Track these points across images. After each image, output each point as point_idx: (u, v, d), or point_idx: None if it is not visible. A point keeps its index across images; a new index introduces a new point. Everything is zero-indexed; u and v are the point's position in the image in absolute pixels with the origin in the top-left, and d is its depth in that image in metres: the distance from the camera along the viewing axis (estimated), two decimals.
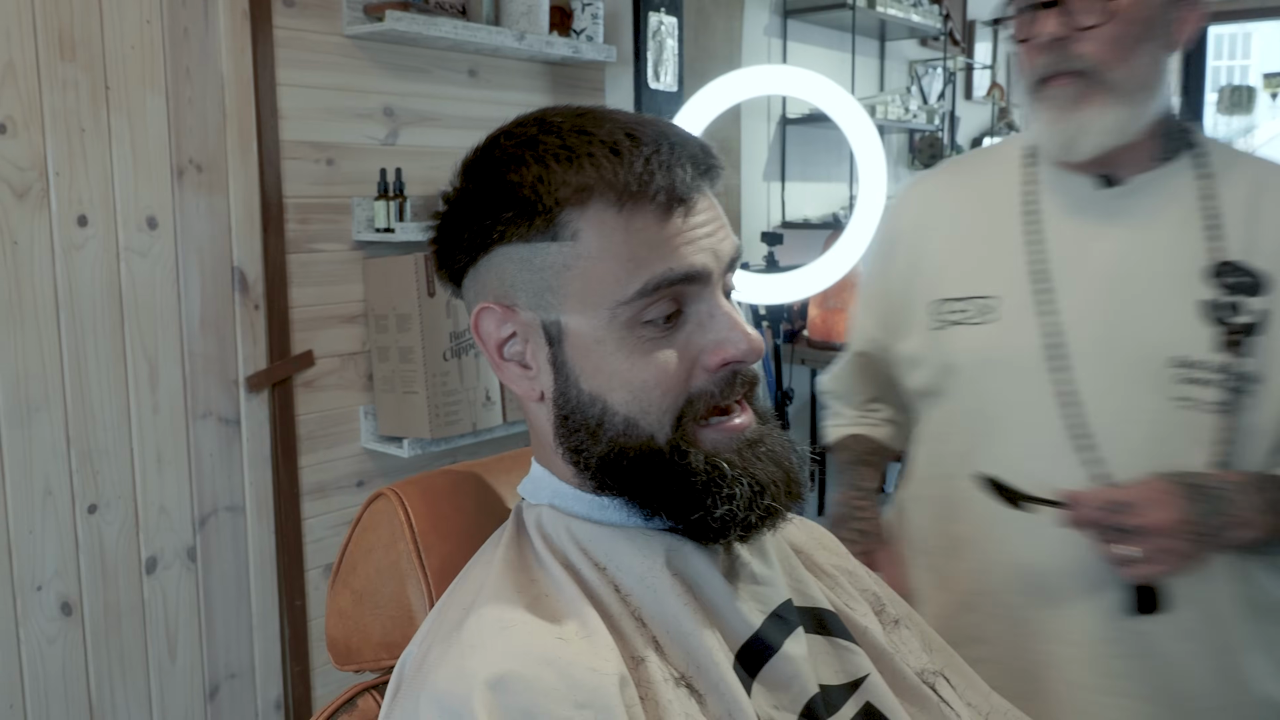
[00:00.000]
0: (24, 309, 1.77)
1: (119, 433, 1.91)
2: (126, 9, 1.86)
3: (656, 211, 0.73)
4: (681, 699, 0.71)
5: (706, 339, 0.75)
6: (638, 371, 0.74)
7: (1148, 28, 1.13)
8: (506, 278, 0.76)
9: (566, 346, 0.75)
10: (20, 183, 1.76)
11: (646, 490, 0.75)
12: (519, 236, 0.75)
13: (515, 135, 0.77)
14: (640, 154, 0.73)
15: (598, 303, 0.74)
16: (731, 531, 0.76)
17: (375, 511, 0.85)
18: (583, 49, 2.47)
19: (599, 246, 0.73)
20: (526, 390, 0.79)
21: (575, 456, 0.77)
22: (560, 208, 0.73)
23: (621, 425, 0.75)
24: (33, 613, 1.82)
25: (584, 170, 0.73)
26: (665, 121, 0.78)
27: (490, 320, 0.78)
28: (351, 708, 0.80)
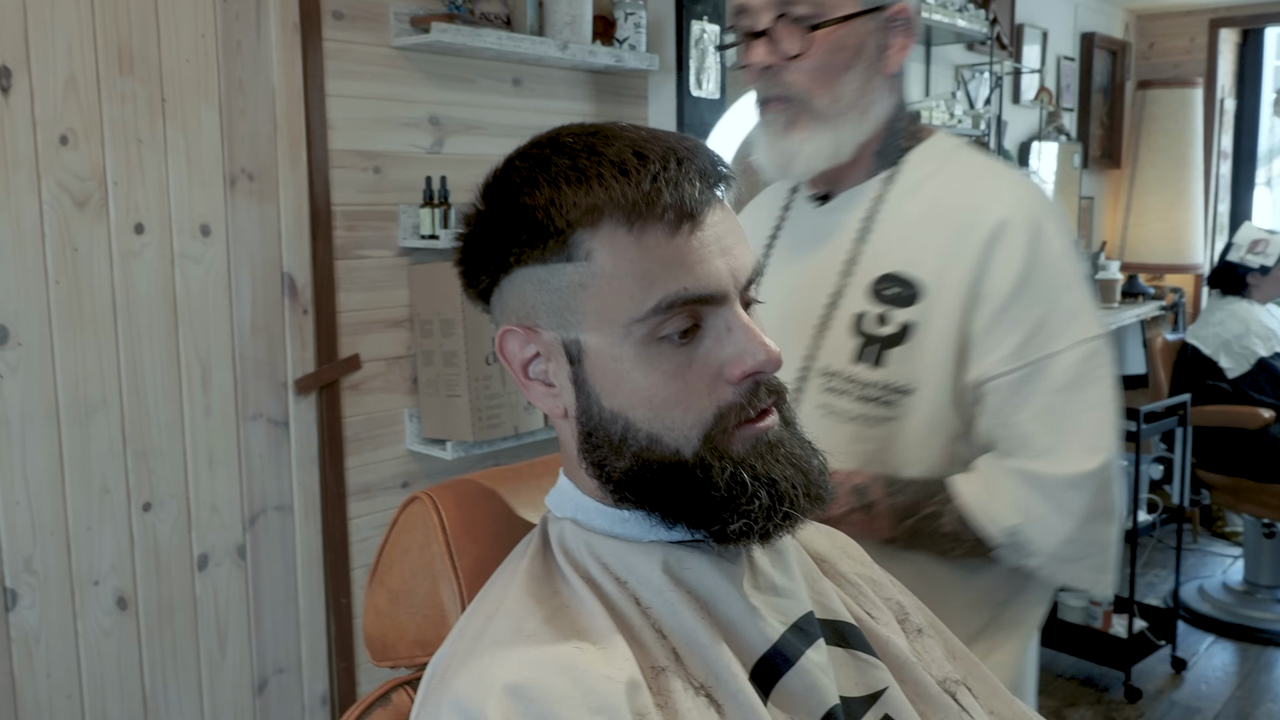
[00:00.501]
0: (83, 314, 1.84)
1: (173, 433, 1.97)
2: (182, 24, 1.92)
3: (666, 228, 0.74)
4: (701, 708, 0.73)
5: (725, 352, 0.76)
6: (657, 389, 0.75)
7: (853, 56, 1.18)
8: (527, 299, 0.78)
9: (586, 365, 0.77)
10: (81, 192, 1.82)
11: (668, 501, 0.77)
12: (535, 259, 0.76)
13: (529, 157, 0.78)
14: (648, 172, 0.74)
15: (614, 320, 0.75)
16: (750, 540, 0.77)
17: (411, 514, 0.88)
18: (625, 58, 2.50)
19: (612, 266, 0.74)
20: (551, 408, 0.81)
21: (598, 471, 0.79)
22: (572, 229, 0.74)
23: (645, 441, 0.76)
24: (90, 606, 1.89)
25: (593, 191, 0.74)
26: (676, 136, 0.79)
27: (514, 342, 0.80)
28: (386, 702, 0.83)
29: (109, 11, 1.83)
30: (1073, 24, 4.86)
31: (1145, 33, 5.45)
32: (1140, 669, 3.55)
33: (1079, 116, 4.99)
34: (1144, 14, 5.41)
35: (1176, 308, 5.06)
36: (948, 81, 4.02)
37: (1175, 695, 3.47)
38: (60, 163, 1.79)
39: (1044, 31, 4.56)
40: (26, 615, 1.81)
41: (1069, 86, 4.88)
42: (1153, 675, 3.59)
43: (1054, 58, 4.71)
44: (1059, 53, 4.75)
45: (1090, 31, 4.95)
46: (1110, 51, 5.19)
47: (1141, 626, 3.58)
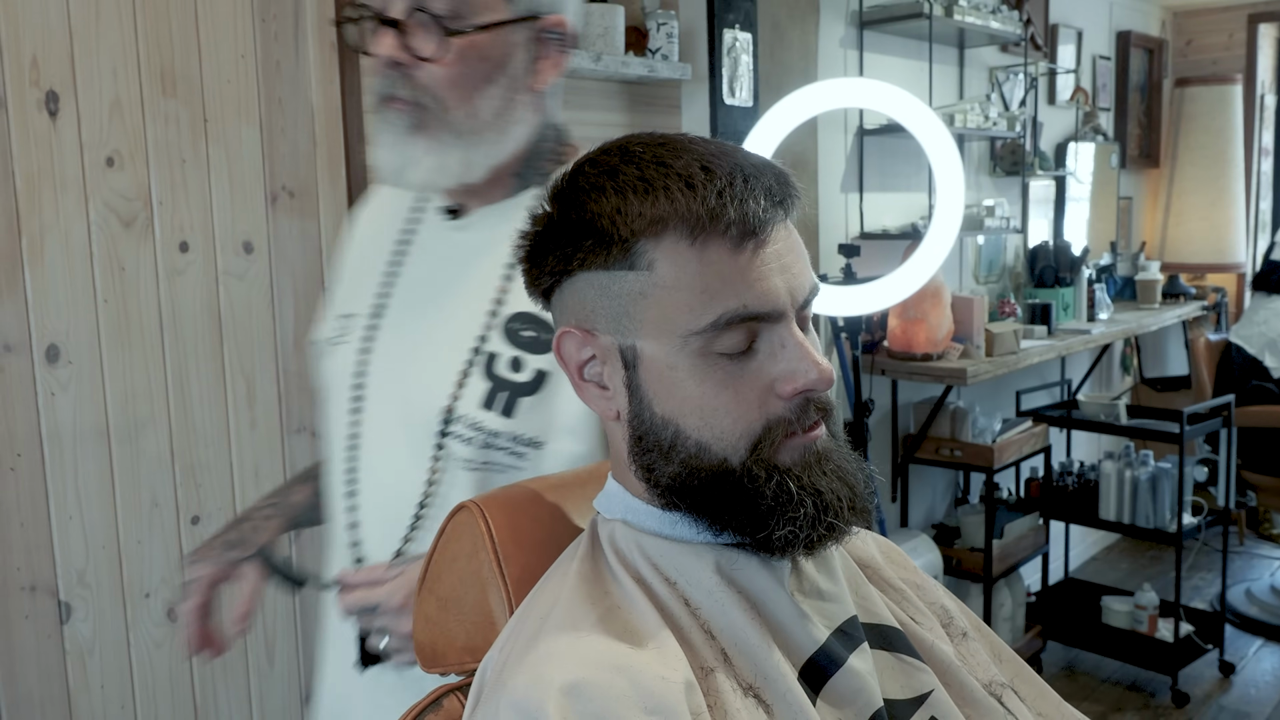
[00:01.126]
0: (131, 331, 1.88)
1: (219, 447, 2.00)
2: (222, 46, 1.95)
3: (729, 244, 0.75)
4: (750, 708, 0.74)
5: (778, 368, 0.77)
6: (709, 399, 0.77)
7: (496, 68, 1.06)
8: (587, 303, 0.79)
9: (641, 370, 0.78)
10: (127, 212, 1.86)
11: (715, 508, 0.78)
12: (598, 264, 0.78)
13: (599, 164, 0.79)
14: (714, 187, 0.75)
15: (671, 330, 0.76)
16: (795, 549, 0.78)
17: (458, 523, 0.90)
18: (658, 68, 2.52)
19: (673, 277, 0.76)
20: (604, 410, 0.82)
21: (647, 474, 0.80)
22: (636, 239, 0.76)
23: (694, 449, 0.78)
24: (141, 619, 1.92)
25: (659, 203, 0.75)
26: (744, 152, 0.80)
27: (571, 343, 0.82)
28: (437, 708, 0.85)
29: (152, 35, 1.87)
30: (1108, 23, 4.83)
31: (1182, 30, 5.40)
32: (1187, 673, 3.52)
33: (1116, 116, 4.96)
34: (1181, 11, 5.36)
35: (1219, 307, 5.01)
36: (982, 84, 4.00)
37: (1224, 700, 3.43)
38: (107, 184, 1.83)
39: (1079, 31, 4.54)
40: (80, 628, 1.84)
41: (1105, 86, 4.84)
42: (1200, 680, 3.55)
43: (1089, 57, 4.68)
44: (1094, 52, 4.72)
45: (1126, 30, 4.91)
46: (1147, 49, 5.15)
47: (1188, 630, 3.55)
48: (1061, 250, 4.13)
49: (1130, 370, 5.05)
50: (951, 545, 3.50)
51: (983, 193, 3.98)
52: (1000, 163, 4.05)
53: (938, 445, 3.40)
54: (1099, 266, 4.60)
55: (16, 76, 1.73)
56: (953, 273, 3.84)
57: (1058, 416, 3.70)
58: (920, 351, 3.19)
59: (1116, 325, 4.06)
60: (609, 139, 0.83)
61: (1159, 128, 5.25)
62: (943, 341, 3.21)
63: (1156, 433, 3.46)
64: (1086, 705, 3.37)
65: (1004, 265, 4.16)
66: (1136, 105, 5.10)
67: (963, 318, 3.29)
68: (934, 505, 3.86)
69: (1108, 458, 3.61)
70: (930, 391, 3.61)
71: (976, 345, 3.29)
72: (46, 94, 1.76)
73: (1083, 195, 4.63)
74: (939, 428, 3.43)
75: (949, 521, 3.72)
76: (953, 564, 3.40)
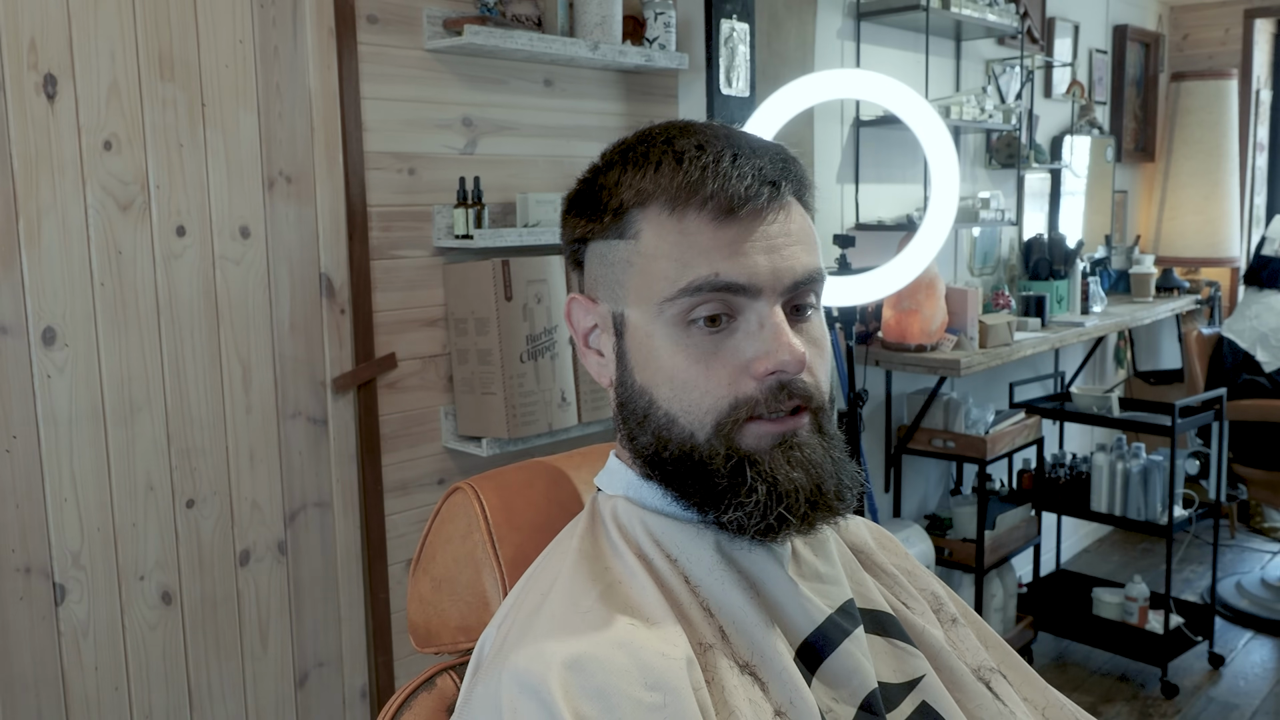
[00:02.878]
0: (127, 314, 1.88)
1: (215, 431, 2.01)
2: (220, 30, 1.96)
3: (708, 217, 0.77)
4: (746, 685, 0.75)
5: (753, 347, 0.78)
6: (680, 370, 0.78)
7: None
8: (594, 271, 0.83)
9: (627, 338, 0.81)
10: (124, 196, 1.86)
11: (680, 482, 0.80)
12: (601, 234, 0.82)
13: (624, 141, 0.84)
14: (699, 162, 0.77)
15: (650, 298, 0.79)
16: (744, 532, 0.79)
17: (453, 504, 0.91)
18: (655, 57, 2.52)
19: (654, 245, 0.78)
20: (600, 376, 0.85)
21: (630, 443, 0.83)
22: (627, 209, 0.80)
23: (663, 419, 0.80)
24: (136, 601, 1.93)
25: (648, 175, 0.79)
26: (755, 137, 0.82)
27: (578, 310, 0.85)
28: (430, 686, 0.86)
29: (150, 20, 1.87)
30: (1105, 16, 4.83)
31: (1179, 24, 5.41)
32: (1177, 665, 3.54)
33: (1112, 110, 4.96)
34: (1177, 5, 5.36)
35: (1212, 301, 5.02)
36: (978, 76, 4.01)
37: (1213, 691, 3.45)
38: (104, 167, 1.83)
39: (1075, 25, 4.54)
40: (75, 609, 1.85)
41: (1101, 80, 4.84)
42: (1190, 671, 3.57)
43: (1086, 51, 4.69)
44: (1091, 46, 4.72)
45: (1123, 24, 4.92)
46: (1143, 44, 5.15)
47: (1178, 622, 3.57)
48: (1056, 243, 4.14)
49: (1123, 363, 5.06)
50: (944, 536, 3.51)
51: (978, 185, 3.99)
52: (996, 155, 4.06)
53: (931, 436, 3.41)
54: (1093, 260, 4.61)
55: (15, 60, 1.73)
56: (947, 264, 3.85)
57: (1051, 409, 3.72)
58: (914, 343, 3.20)
59: (1110, 318, 4.07)
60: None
61: (1155, 122, 5.26)
62: (937, 333, 3.22)
63: (1149, 425, 3.47)
64: (1077, 696, 3.38)
65: (999, 257, 4.17)
66: (1132, 99, 5.11)
67: (957, 309, 3.30)
68: (927, 496, 3.88)
69: (1100, 450, 3.63)
70: (924, 383, 3.62)
71: (970, 337, 3.30)
72: (45, 77, 1.76)
73: (1078, 188, 4.64)
74: (932, 419, 3.44)
75: (941, 512, 3.74)
76: (945, 554, 3.41)
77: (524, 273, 2.20)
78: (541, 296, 2.24)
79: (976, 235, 4.01)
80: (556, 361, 2.27)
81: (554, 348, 2.26)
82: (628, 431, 0.83)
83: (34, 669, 1.82)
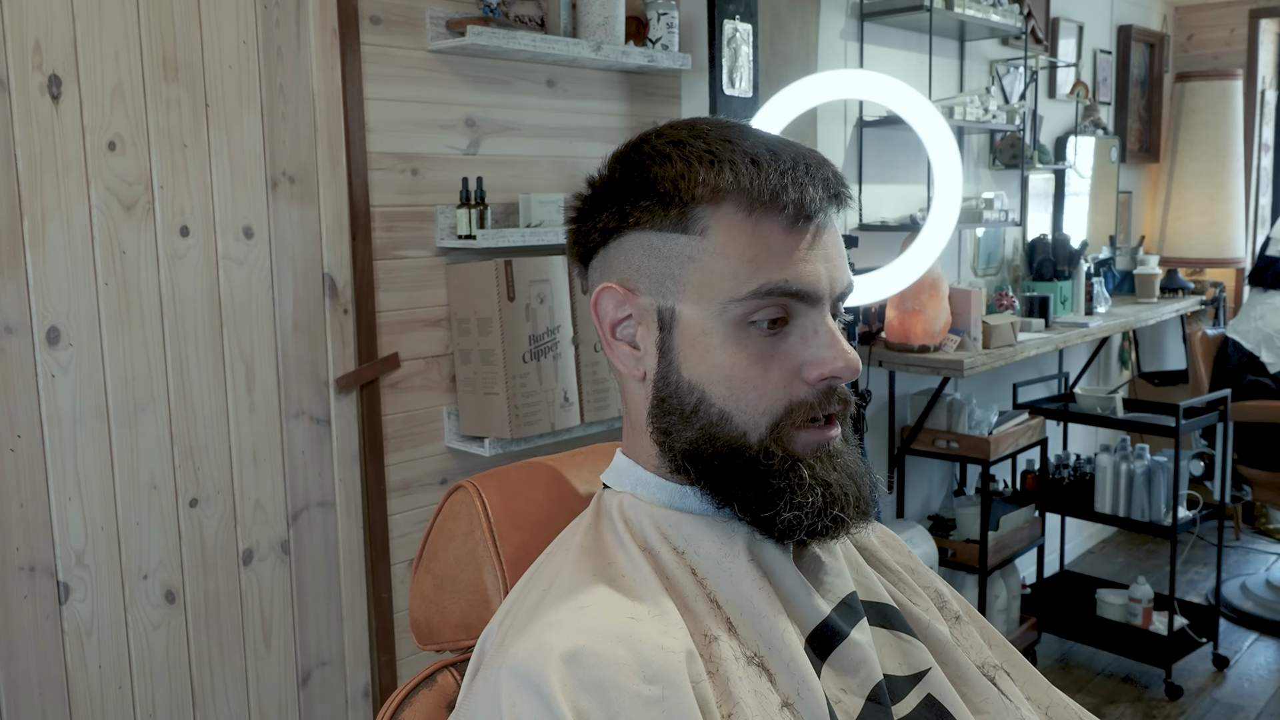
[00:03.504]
0: (131, 314, 1.88)
1: (218, 431, 2.01)
2: (224, 31, 1.96)
3: (784, 223, 0.79)
4: (752, 676, 0.75)
5: (808, 353, 0.80)
6: (738, 369, 0.79)
7: None
8: (634, 262, 0.82)
9: (676, 333, 0.81)
10: (128, 196, 1.87)
11: (725, 480, 0.80)
12: (652, 225, 0.81)
13: (665, 135, 0.83)
14: (778, 168, 0.79)
15: (712, 296, 0.79)
16: (795, 534, 0.80)
17: (455, 502, 0.91)
18: (658, 57, 2.52)
19: (724, 244, 0.79)
20: (631, 369, 0.85)
21: (663, 438, 0.83)
22: (695, 203, 0.79)
23: (716, 417, 0.80)
24: (139, 600, 1.93)
25: (724, 173, 0.79)
26: (805, 147, 0.83)
27: (610, 300, 0.84)
28: (431, 683, 0.86)
29: (154, 21, 1.87)
30: (1109, 17, 4.83)
31: (1184, 24, 5.40)
32: (1181, 666, 3.53)
33: (1116, 110, 4.96)
34: (1182, 5, 5.36)
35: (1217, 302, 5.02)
36: (982, 76, 4.01)
37: (1217, 693, 3.45)
38: (108, 168, 1.84)
39: (1080, 25, 4.54)
40: (79, 608, 1.86)
41: (1106, 80, 4.84)
42: (1194, 673, 3.57)
43: (1090, 51, 4.68)
44: (1095, 46, 4.72)
45: (1127, 24, 4.91)
46: (1148, 44, 5.14)
47: (1182, 624, 3.56)
48: (1060, 244, 4.14)
49: (1128, 364, 5.06)
50: (947, 536, 3.51)
51: (982, 185, 3.99)
52: (1000, 156, 4.06)
53: (934, 437, 3.41)
54: (1097, 260, 4.61)
55: (19, 60, 1.73)
56: (951, 265, 3.85)
57: (1054, 409, 3.71)
58: (917, 343, 3.20)
59: (1114, 319, 4.07)
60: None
61: (1159, 122, 5.25)
62: (940, 333, 3.22)
63: (1153, 426, 3.47)
64: (1080, 697, 3.38)
65: (1002, 258, 4.16)
66: (1137, 99, 5.10)
67: (960, 310, 3.30)
68: (930, 497, 3.88)
69: (1104, 451, 3.62)
70: (927, 383, 3.62)
71: (974, 337, 3.30)
72: (49, 78, 1.76)
73: (1082, 189, 4.63)
74: (936, 419, 3.44)
75: (945, 513, 3.73)
76: (948, 555, 3.41)
77: (527, 273, 2.20)
78: (544, 296, 2.24)
79: (980, 236, 4.01)
80: (559, 362, 2.27)
81: (556, 348, 2.26)
82: (663, 427, 0.83)
83: (38, 668, 1.82)
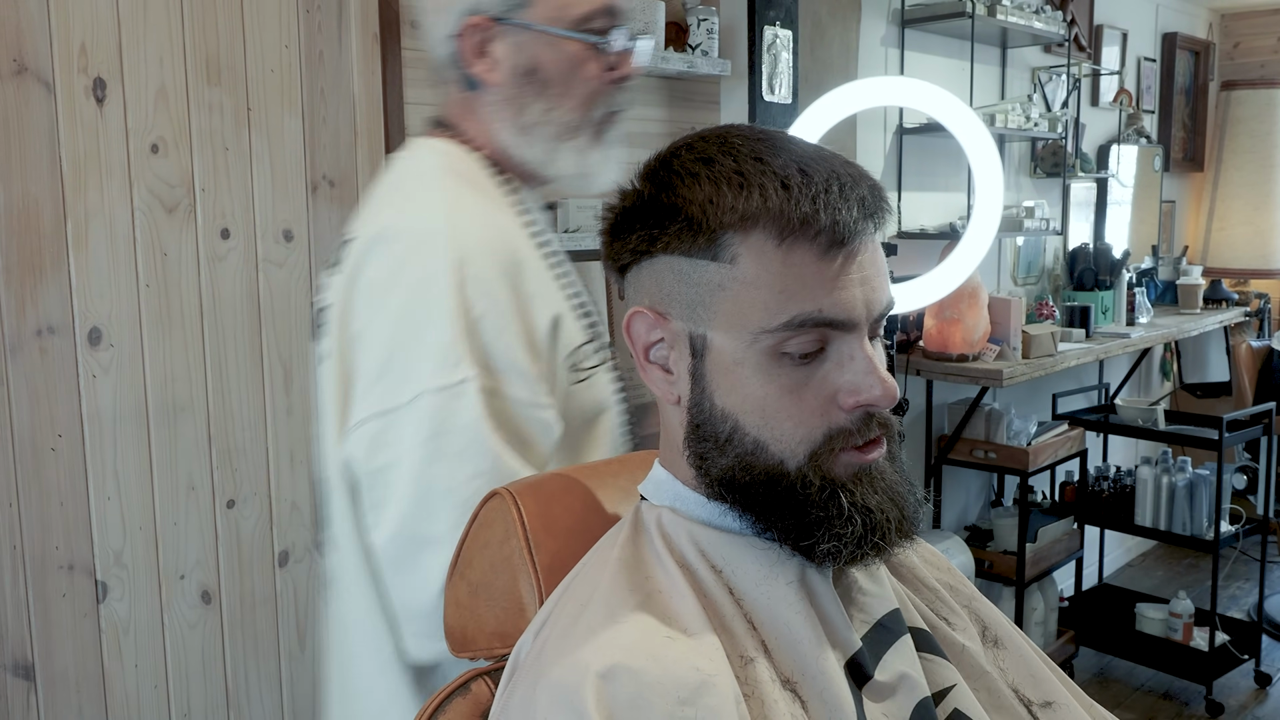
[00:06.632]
0: (171, 316, 1.90)
1: (255, 432, 2.02)
2: (267, 35, 1.97)
3: (816, 250, 0.75)
4: (787, 700, 0.74)
5: (843, 379, 0.77)
6: (771, 400, 0.77)
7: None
8: (664, 286, 0.80)
9: (708, 361, 0.79)
10: (170, 199, 1.88)
11: (763, 507, 0.78)
12: (681, 250, 0.78)
13: (695, 150, 0.80)
14: (808, 191, 0.74)
15: (744, 326, 0.76)
16: (837, 561, 0.78)
17: (490, 510, 0.90)
18: (698, 63, 2.52)
19: (755, 273, 0.76)
20: (665, 393, 0.82)
21: (700, 462, 0.80)
22: (724, 231, 0.76)
23: (751, 446, 0.78)
24: (176, 600, 1.95)
25: (752, 199, 0.75)
26: (841, 159, 0.79)
27: (642, 324, 0.82)
28: (465, 691, 0.85)
29: (198, 25, 1.89)
30: (1154, 24, 4.77)
31: (1229, 32, 5.33)
32: (1222, 683, 3.47)
33: (1160, 119, 4.90)
34: (1228, 13, 5.28)
35: (1262, 314, 4.94)
36: (1024, 84, 3.97)
37: (1259, 711, 3.39)
38: (151, 170, 1.85)
39: (1124, 32, 4.49)
40: (116, 607, 1.87)
41: (1150, 88, 4.78)
42: (1235, 690, 3.51)
43: (1134, 59, 4.63)
44: (1139, 54, 4.66)
45: (1172, 32, 4.85)
46: (1193, 52, 5.08)
47: (1224, 640, 3.50)
48: (1102, 253, 4.09)
49: (1170, 375, 4.99)
50: (984, 548, 3.47)
51: (1023, 194, 3.95)
52: (1041, 164, 4.01)
53: (972, 447, 3.38)
54: (1139, 270, 4.55)
55: (65, 63, 1.75)
56: (990, 273, 3.81)
57: (1094, 420, 3.67)
58: (956, 352, 3.17)
59: (1156, 330, 4.02)
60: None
61: (1204, 131, 5.18)
62: (979, 342, 3.19)
63: (1195, 439, 3.42)
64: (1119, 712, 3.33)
65: (1043, 267, 4.12)
66: (1181, 108, 5.04)
67: (1000, 319, 3.27)
68: (967, 507, 3.84)
69: (1145, 463, 3.57)
70: (965, 392, 3.59)
71: (1013, 347, 3.26)
72: (94, 81, 1.78)
73: (1125, 198, 4.58)
74: (974, 429, 3.40)
75: (982, 524, 3.70)
76: (985, 567, 3.37)
77: None
78: None
79: (1020, 244, 3.97)
80: None
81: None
82: (699, 452, 0.80)
83: (75, 665, 1.84)
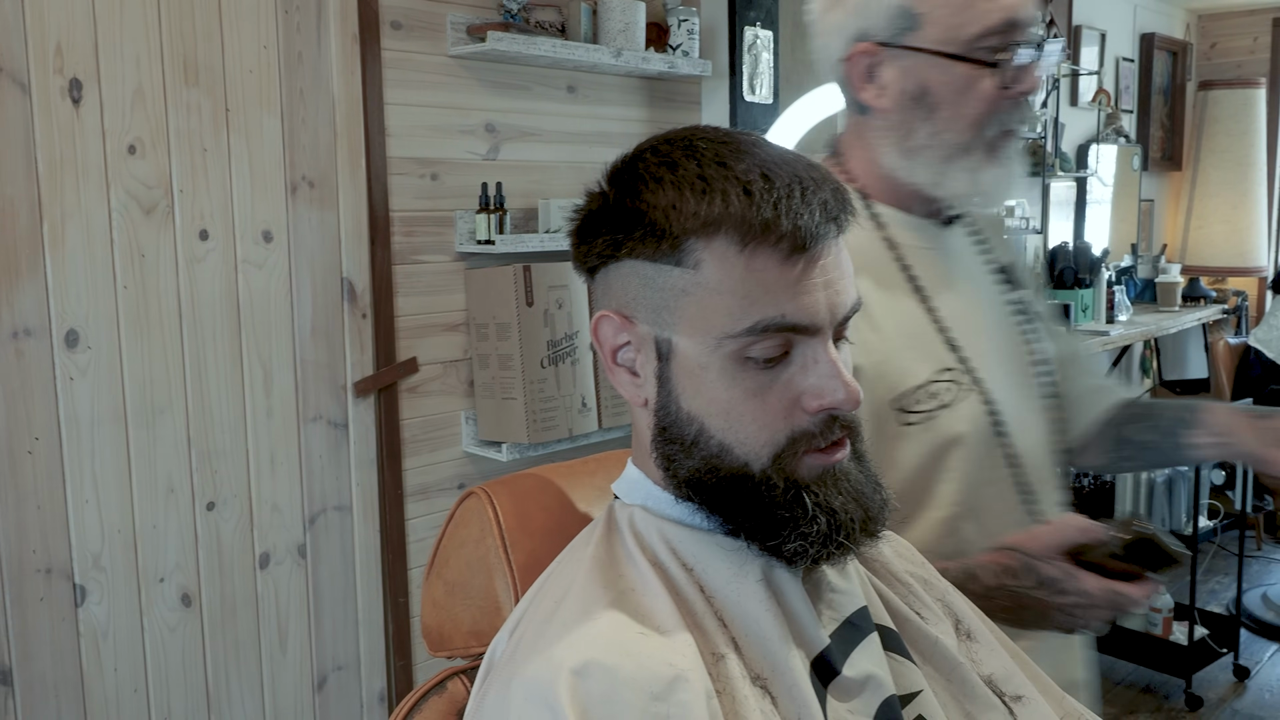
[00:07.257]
0: (150, 318, 1.89)
1: (235, 434, 2.02)
2: (245, 36, 1.97)
3: (778, 255, 0.75)
4: (757, 696, 0.74)
5: (807, 383, 0.77)
6: (735, 404, 0.77)
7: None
8: (630, 290, 0.80)
9: (673, 365, 0.79)
10: (148, 200, 1.88)
11: (730, 509, 0.79)
12: (646, 255, 0.78)
13: (660, 154, 0.79)
14: (770, 197, 0.74)
15: (707, 331, 0.76)
16: (803, 560, 0.79)
17: (467, 509, 0.91)
18: (678, 64, 2.52)
19: (717, 279, 0.76)
20: (633, 395, 0.83)
21: (667, 464, 0.81)
22: (687, 236, 0.76)
23: (716, 449, 0.78)
24: (156, 603, 1.94)
25: (714, 205, 0.75)
26: (805, 162, 0.79)
27: (608, 327, 0.82)
28: (441, 690, 0.86)
29: (175, 25, 1.88)
30: (1132, 25, 4.80)
31: (1207, 33, 5.37)
32: (1201, 677, 3.50)
33: (1138, 118, 4.93)
34: (1205, 14, 5.32)
35: (1239, 311, 4.98)
36: None
37: (1237, 704, 3.41)
38: (128, 171, 1.85)
39: (1102, 33, 4.51)
40: (95, 611, 1.86)
41: (1128, 88, 4.81)
42: (1214, 683, 3.54)
43: (1113, 59, 4.66)
44: (1118, 54, 4.69)
45: (1150, 32, 4.88)
46: (1170, 52, 5.11)
47: (1203, 634, 3.53)
48: (1081, 251, 4.11)
49: (1149, 372, 5.02)
50: None
51: None
52: None
53: None
54: (1119, 268, 4.58)
55: (41, 64, 1.74)
56: None
57: None
58: None
59: (1135, 327, 4.04)
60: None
61: (1182, 130, 5.21)
62: None
63: None
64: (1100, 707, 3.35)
65: None
66: (1159, 108, 5.07)
67: None
68: None
69: None
70: None
71: None
72: (70, 81, 1.77)
73: (1104, 197, 4.61)
74: None
75: None
76: None
77: (545, 278, 2.20)
78: (563, 302, 2.24)
79: None
80: (577, 367, 2.27)
81: (575, 353, 2.26)
82: (666, 454, 0.81)
83: (54, 669, 1.83)
